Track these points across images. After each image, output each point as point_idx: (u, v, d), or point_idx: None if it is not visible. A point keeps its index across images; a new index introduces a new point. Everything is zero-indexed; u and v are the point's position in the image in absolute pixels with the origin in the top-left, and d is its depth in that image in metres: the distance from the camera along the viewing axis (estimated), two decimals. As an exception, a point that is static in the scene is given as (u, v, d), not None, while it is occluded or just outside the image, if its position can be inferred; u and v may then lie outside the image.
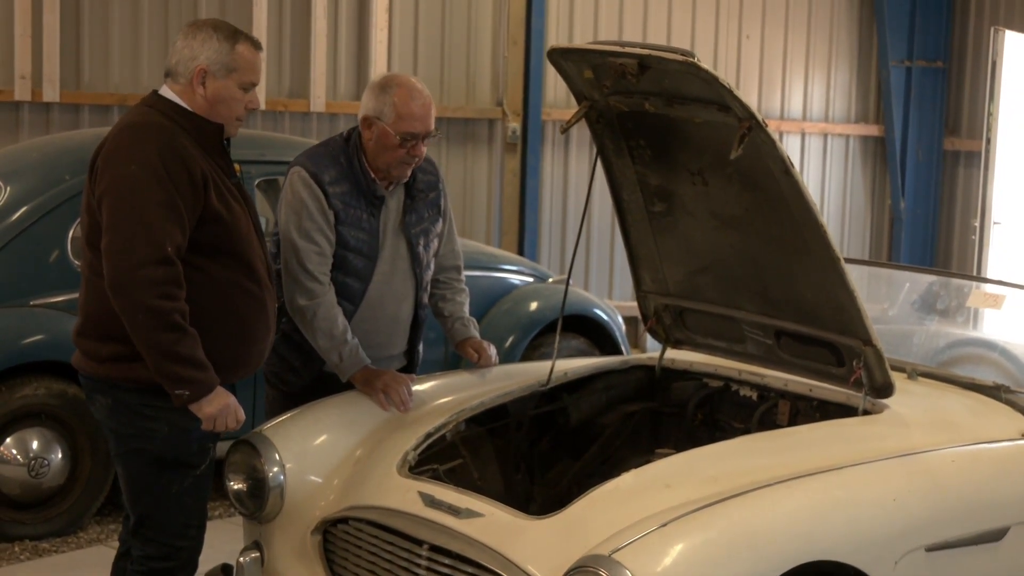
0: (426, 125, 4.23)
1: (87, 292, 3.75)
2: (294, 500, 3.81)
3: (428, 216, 4.42)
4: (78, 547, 5.66)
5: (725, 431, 4.39)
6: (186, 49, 3.70)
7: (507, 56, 9.82)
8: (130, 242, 3.51)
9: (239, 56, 3.73)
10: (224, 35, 3.72)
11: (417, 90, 4.26)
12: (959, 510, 3.63)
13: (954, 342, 4.98)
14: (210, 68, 3.69)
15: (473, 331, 4.57)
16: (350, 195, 4.23)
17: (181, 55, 3.71)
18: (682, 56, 3.52)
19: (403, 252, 4.36)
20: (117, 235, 3.53)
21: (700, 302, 4.41)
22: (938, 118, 11.45)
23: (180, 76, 3.71)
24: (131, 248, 3.51)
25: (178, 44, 3.73)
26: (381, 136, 4.20)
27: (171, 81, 3.74)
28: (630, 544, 3.04)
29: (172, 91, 3.72)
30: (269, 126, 8.94)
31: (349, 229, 4.22)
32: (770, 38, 10.95)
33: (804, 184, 3.64)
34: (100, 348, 3.68)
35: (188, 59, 3.70)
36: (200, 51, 3.70)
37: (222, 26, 3.77)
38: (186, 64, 3.70)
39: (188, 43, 3.71)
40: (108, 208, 3.56)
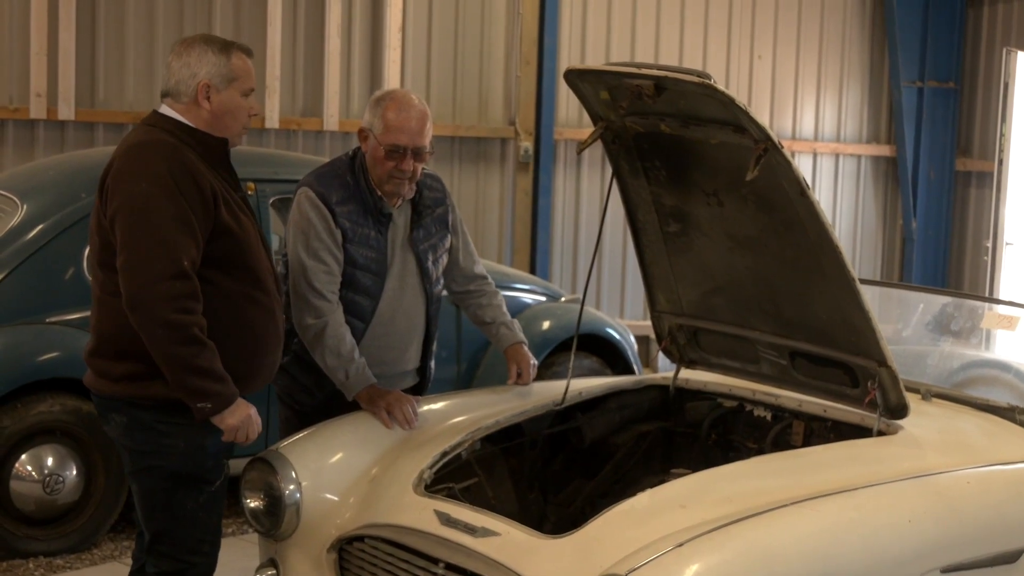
0: (413, 139, 4.21)
1: (99, 312, 3.77)
2: (310, 517, 3.82)
3: (436, 232, 4.45)
4: (92, 563, 5.68)
5: (739, 451, 4.39)
6: (184, 68, 3.74)
7: (519, 76, 9.85)
8: (147, 258, 3.55)
9: (236, 66, 3.78)
10: (217, 48, 3.77)
11: (408, 103, 4.25)
12: (974, 532, 3.62)
13: (968, 363, 4.98)
14: (212, 82, 3.74)
15: (520, 334, 4.63)
16: (357, 213, 4.25)
17: (180, 74, 3.74)
18: (699, 78, 3.54)
19: (412, 268, 4.39)
20: (133, 252, 3.56)
21: (714, 322, 4.42)
22: (950, 138, 11.46)
23: (182, 95, 3.75)
24: (148, 264, 3.54)
25: (173, 64, 3.77)
26: (373, 149, 4.24)
27: (172, 100, 3.77)
28: (646, 564, 3.04)
29: (174, 110, 3.76)
30: (282, 144, 8.98)
31: (357, 247, 4.24)
32: (782, 58, 10.97)
33: (819, 206, 3.65)
34: (114, 367, 3.71)
35: (188, 77, 3.73)
36: (199, 67, 3.73)
37: (213, 40, 3.82)
38: (187, 82, 3.73)
39: (184, 61, 3.75)
40: (122, 226, 3.59)
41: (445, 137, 9.60)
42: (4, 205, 6.06)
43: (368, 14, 9.36)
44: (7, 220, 5.94)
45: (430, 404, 4.41)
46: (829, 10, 11.14)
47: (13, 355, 5.70)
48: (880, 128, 11.51)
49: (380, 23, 9.36)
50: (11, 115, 8.24)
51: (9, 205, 6.04)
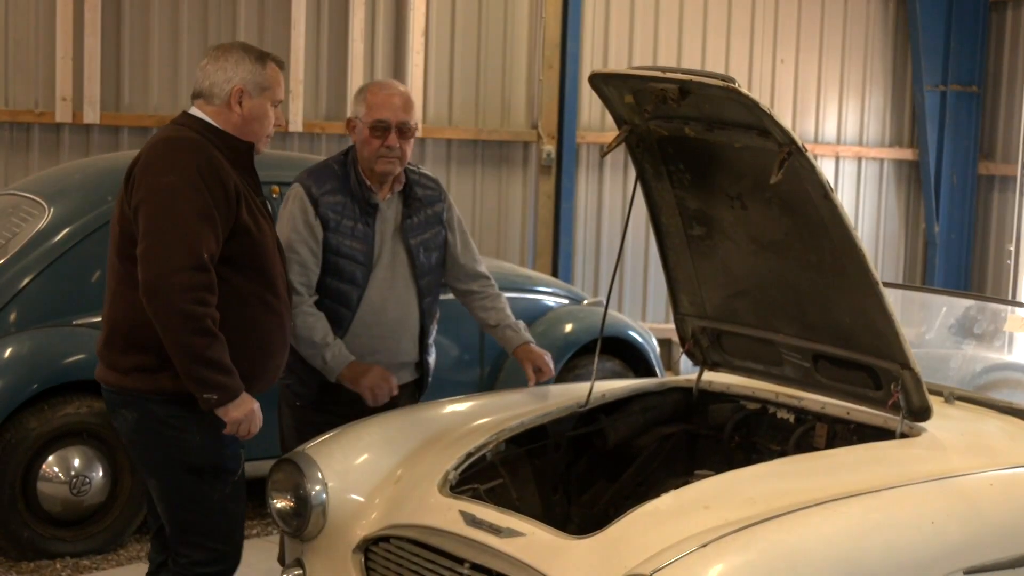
0: (396, 114, 4.39)
1: (112, 303, 3.83)
2: (336, 518, 3.84)
3: (429, 227, 4.58)
4: (118, 564, 5.72)
5: (762, 453, 4.39)
6: (219, 72, 3.84)
7: (542, 79, 9.88)
8: (167, 247, 3.60)
9: (270, 76, 3.90)
10: (254, 57, 3.89)
11: (389, 84, 4.53)
12: (997, 534, 3.61)
13: (991, 366, 4.98)
14: (246, 88, 3.84)
15: (526, 335, 4.69)
16: (343, 205, 4.42)
17: (215, 77, 3.85)
18: (723, 81, 3.55)
19: (403, 259, 4.52)
20: (154, 241, 3.62)
21: (738, 325, 4.43)
22: (972, 142, 11.44)
23: (215, 97, 3.85)
24: (168, 253, 3.60)
25: (208, 67, 3.87)
26: (360, 133, 4.41)
27: (203, 102, 3.86)
28: (671, 564, 3.05)
29: (204, 112, 3.85)
30: (306, 148, 9.03)
31: (340, 237, 4.40)
32: (804, 62, 10.98)
33: (843, 209, 3.66)
34: (123, 359, 3.77)
35: (223, 81, 3.83)
36: (235, 72, 3.84)
37: (250, 48, 3.93)
38: (221, 86, 3.83)
39: (221, 65, 3.85)
40: (145, 215, 3.65)
41: (468, 140, 9.64)
42: (31, 208, 6.11)
43: (392, 18, 9.41)
44: (34, 223, 5.99)
45: (455, 406, 4.44)
46: (852, 14, 11.13)
47: (41, 357, 5.75)
48: (903, 132, 11.50)
49: (403, 27, 9.40)
50: (37, 119, 8.31)
51: (36, 208, 6.09)
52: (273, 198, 6.29)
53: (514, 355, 4.68)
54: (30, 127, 8.35)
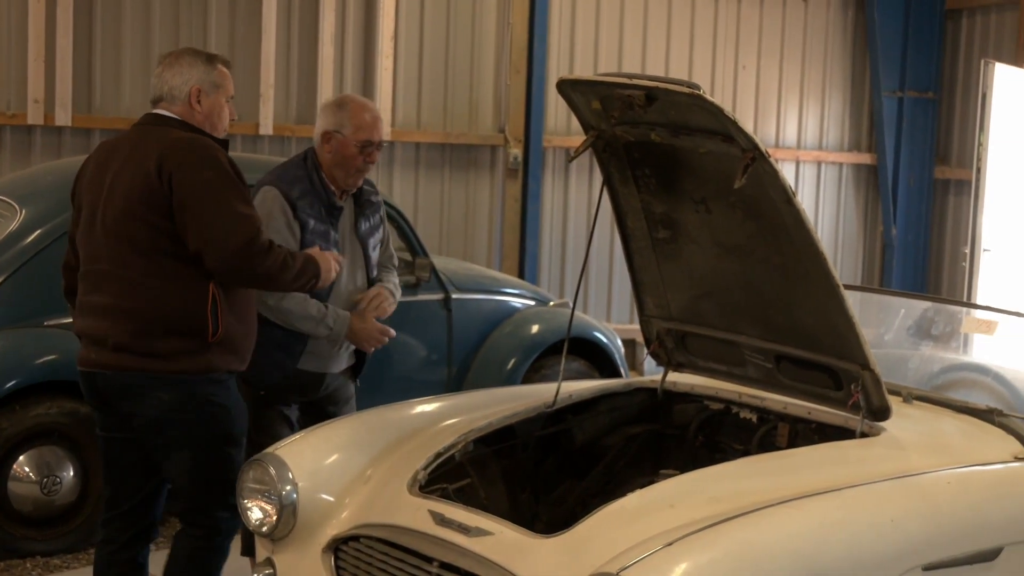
0: (379, 134, 4.79)
1: (136, 297, 4.00)
2: (306, 518, 3.83)
3: (375, 225, 4.92)
4: (88, 563, 5.66)
5: (726, 452, 4.41)
6: (176, 76, 4.12)
7: (509, 84, 9.88)
8: (231, 230, 3.93)
9: (220, 73, 4.19)
10: (204, 59, 4.18)
11: (369, 105, 4.87)
12: (955, 531, 3.63)
13: (948, 367, 5.01)
14: (202, 87, 4.13)
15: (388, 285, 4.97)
16: (313, 208, 4.65)
17: (173, 81, 4.12)
18: (688, 88, 3.56)
19: (359, 256, 4.83)
20: (212, 230, 3.92)
21: (702, 326, 4.44)
22: (929, 147, 11.52)
23: (176, 99, 4.12)
24: (233, 234, 3.93)
25: (164, 74, 4.14)
26: (340, 147, 4.68)
27: (167, 104, 4.13)
28: (637, 563, 3.05)
29: (171, 111, 4.12)
30: (276, 151, 9.00)
31: (314, 238, 4.61)
32: (765, 68, 11.03)
33: (805, 213, 3.67)
34: (164, 344, 3.99)
35: (181, 83, 4.11)
36: (190, 75, 4.12)
37: (198, 52, 4.24)
38: (180, 88, 4.11)
39: (176, 70, 4.14)
40: (194, 212, 3.93)
41: (436, 144, 9.63)
42: (3, 210, 6.06)
43: (361, 23, 9.39)
44: (6, 225, 5.94)
45: (423, 406, 4.44)
46: (812, 22, 11.19)
47: (11, 358, 5.70)
48: (861, 137, 11.57)
49: (373, 32, 9.39)
50: (9, 121, 8.24)
51: (8, 210, 6.04)
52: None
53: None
54: (1, 129, 8.28)
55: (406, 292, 6.75)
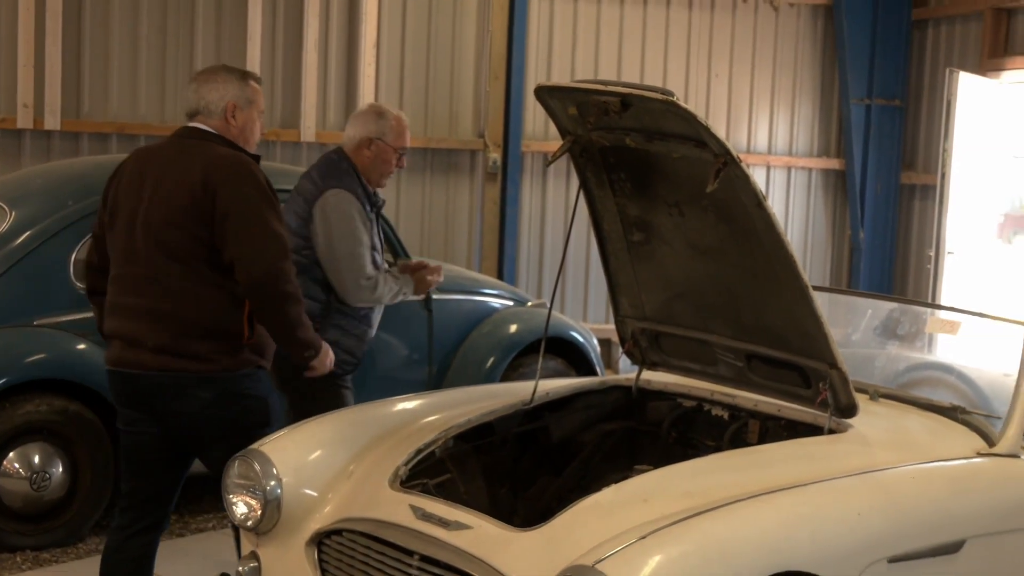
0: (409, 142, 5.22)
1: (175, 302, 4.12)
2: (290, 512, 3.83)
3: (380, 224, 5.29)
4: (77, 557, 5.66)
5: (698, 449, 4.42)
6: (213, 92, 4.25)
7: (488, 90, 9.88)
8: (265, 247, 4.09)
9: (253, 90, 4.32)
10: (238, 76, 4.32)
11: (403, 116, 5.21)
12: (919, 524, 3.67)
13: (913, 365, 5.03)
14: (237, 103, 4.25)
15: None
16: (365, 208, 5.01)
17: (209, 96, 4.25)
18: (662, 95, 3.57)
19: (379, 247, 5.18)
20: (251, 243, 4.08)
21: (675, 326, 4.45)
22: (896, 153, 11.56)
23: (213, 114, 4.25)
24: (266, 252, 4.09)
25: (200, 89, 4.26)
26: (381, 152, 5.05)
27: (203, 118, 4.25)
28: (611, 555, 3.07)
29: (208, 125, 4.25)
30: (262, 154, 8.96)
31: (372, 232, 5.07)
32: (738, 76, 11.05)
33: (775, 217, 3.69)
34: (203, 345, 4.12)
35: (218, 99, 4.24)
36: (226, 90, 4.25)
37: (232, 69, 4.38)
38: (216, 103, 4.24)
39: (213, 86, 4.26)
40: (234, 225, 4.08)
41: (417, 148, 9.62)
42: (-7, 212, 6.04)
43: (344, 30, 9.37)
44: (-4, 226, 5.92)
45: (404, 404, 4.44)
46: (782, 31, 11.23)
47: (1, 357, 5.67)
48: (830, 143, 11.60)
49: (356, 39, 9.37)
50: (-1, 125, 8.21)
51: (-2, 212, 6.02)
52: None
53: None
54: (-8, 133, 8.24)
55: (388, 293, 6.76)
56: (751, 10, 11.00)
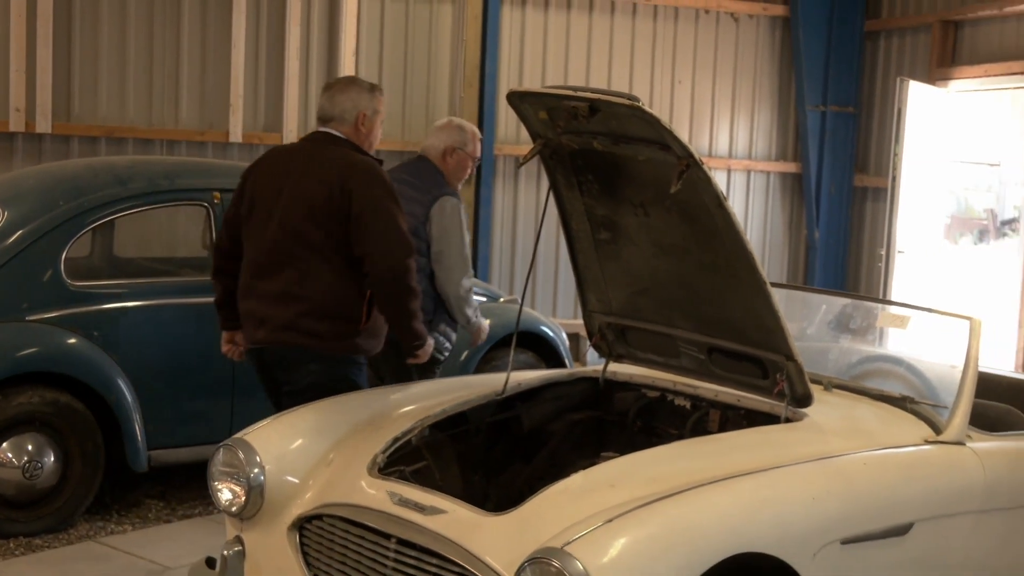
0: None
1: (308, 285, 4.46)
2: (273, 499, 3.83)
3: None
4: (69, 543, 5.62)
5: (662, 437, 4.42)
6: (347, 101, 4.64)
7: (463, 96, 9.87)
8: (395, 244, 4.43)
9: (379, 101, 4.72)
10: (368, 88, 4.72)
11: (478, 130, 5.59)
12: (870, 508, 3.69)
13: (865, 358, 5.05)
14: (366, 112, 4.65)
15: None
16: None
17: (344, 105, 4.64)
18: (628, 100, 3.58)
19: None
20: (382, 241, 4.41)
21: (640, 321, 4.46)
22: (849, 157, 11.61)
23: (346, 121, 4.64)
24: (397, 248, 4.42)
25: (336, 98, 4.64)
26: (461, 161, 5.45)
27: (337, 124, 4.64)
28: (580, 538, 3.08)
29: (340, 131, 4.63)
30: (245, 157, 8.93)
31: None
32: (700, 83, 11.08)
33: (735, 217, 3.70)
34: (321, 326, 4.45)
35: (351, 108, 4.64)
36: (357, 101, 4.64)
37: (362, 82, 4.77)
38: (349, 111, 4.63)
39: (347, 96, 4.65)
40: (368, 222, 4.42)
41: (395, 152, 9.60)
42: (-13, 212, 5.98)
43: (325, 38, 9.34)
44: (-10, 225, 5.86)
45: (382, 395, 4.44)
46: (743, 41, 11.26)
47: (-4, 350, 5.64)
48: (787, 147, 11.65)
49: (335, 47, 9.35)
50: (-8, 128, 8.14)
51: (-9, 212, 5.96)
52: (215, 203, 6.22)
53: None
54: (-15, 136, 8.17)
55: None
56: (713, 21, 11.03)
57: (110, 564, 5.32)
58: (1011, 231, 17.39)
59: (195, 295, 6.12)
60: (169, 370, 5.98)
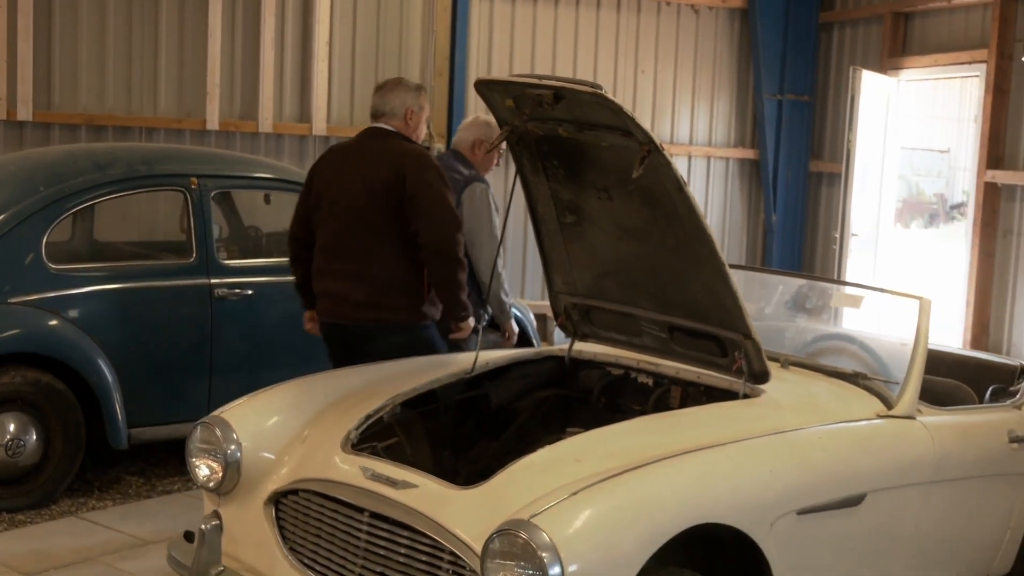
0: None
1: (375, 266, 4.80)
2: (249, 474, 3.81)
3: None
4: (51, 518, 5.58)
5: (625, 413, 4.43)
6: (396, 99, 5.00)
7: (433, 85, 9.82)
8: (446, 222, 4.75)
9: (424, 98, 5.09)
10: (414, 87, 5.10)
11: None
12: (825, 480, 3.71)
13: (820, 336, 5.07)
14: (414, 109, 5.02)
15: None
16: None
17: (394, 103, 5.00)
18: (592, 88, 3.56)
19: None
20: (436, 218, 4.73)
21: (604, 301, 4.46)
22: (805, 144, 11.65)
23: (396, 116, 4.98)
24: (447, 226, 4.75)
25: (387, 96, 5.01)
26: (487, 152, 5.65)
27: (387, 119, 4.99)
28: (546, 510, 3.08)
29: (391, 125, 4.98)
30: (222, 144, 8.87)
31: None
32: (662, 73, 11.07)
33: (695, 201, 3.70)
34: (395, 300, 4.79)
35: (399, 105, 4.99)
36: (405, 98, 5.01)
37: (409, 81, 5.13)
38: (398, 108, 4.99)
39: (396, 94, 5.01)
40: (420, 201, 4.74)
41: (367, 139, 9.55)
42: (-31, 197, 5.90)
43: (299, 29, 9.27)
44: (-29, 211, 5.78)
45: (355, 373, 4.41)
46: (703, 32, 11.26)
47: (-22, 332, 5.57)
48: (746, 134, 11.67)
49: (309, 37, 9.28)
50: (-26, 116, 8.03)
51: (-27, 197, 5.88)
52: (192, 189, 6.16)
53: None
54: (-33, 124, 8.07)
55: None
56: (674, 12, 11.02)
57: (91, 539, 5.28)
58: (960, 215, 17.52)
59: (173, 278, 6.07)
60: (148, 351, 5.93)
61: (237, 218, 6.90)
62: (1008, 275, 9.64)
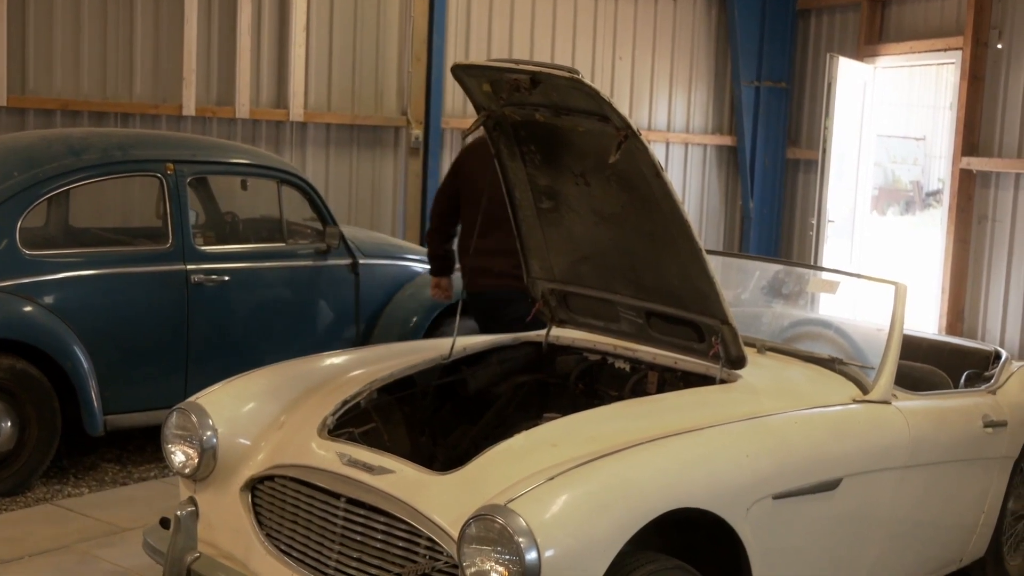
0: None
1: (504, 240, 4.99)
2: (225, 460, 3.78)
3: None
4: (27, 505, 5.55)
5: (602, 398, 4.43)
6: None
7: (411, 71, 9.78)
8: None
9: None
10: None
11: None
12: (801, 464, 3.71)
13: (796, 322, 5.08)
14: None
15: None
16: None
17: None
18: (568, 73, 3.54)
19: None
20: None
21: (581, 287, 4.45)
22: (782, 131, 11.68)
23: None
24: None
25: None
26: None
27: None
28: (523, 495, 3.06)
29: None
30: (198, 130, 8.80)
31: None
32: (640, 59, 11.07)
33: (672, 186, 3.69)
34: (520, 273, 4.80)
35: None
36: None
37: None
38: None
39: None
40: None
41: (345, 125, 9.51)
42: (-58, 182, 5.84)
43: (276, 14, 9.21)
44: (-55, 196, 5.72)
45: (332, 359, 4.39)
46: (680, 19, 11.26)
47: (-48, 318, 5.51)
48: (723, 121, 11.69)
49: (287, 22, 9.21)
50: (-53, 101, 7.95)
51: (-53, 182, 5.82)
52: (168, 174, 6.12)
53: None
54: (-60, 108, 7.98)
55: (317, 257, 6.68)
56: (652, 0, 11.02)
57: (67, 526, 5.25)
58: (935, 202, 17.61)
59: (149, 264, 6.03)
60: (124, 337, 5.90)
61: (213, 204, 6.86)
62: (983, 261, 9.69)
